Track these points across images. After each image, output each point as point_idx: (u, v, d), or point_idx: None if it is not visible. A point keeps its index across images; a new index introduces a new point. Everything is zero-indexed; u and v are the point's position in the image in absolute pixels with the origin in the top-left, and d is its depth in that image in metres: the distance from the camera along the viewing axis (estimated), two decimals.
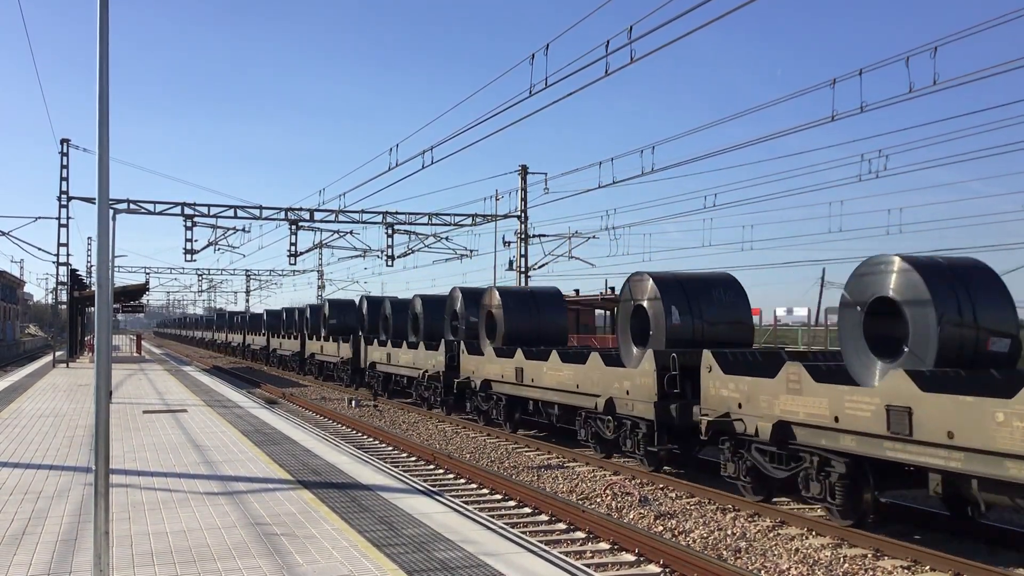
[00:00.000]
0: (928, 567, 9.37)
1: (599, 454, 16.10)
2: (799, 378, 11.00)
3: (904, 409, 9.36)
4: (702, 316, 15.44)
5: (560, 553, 8.31)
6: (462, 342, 23.16)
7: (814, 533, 10.82)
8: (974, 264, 11.16)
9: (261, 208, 36.54)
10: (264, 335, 54.16)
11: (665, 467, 14.79)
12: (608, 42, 14.46)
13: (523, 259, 38.42)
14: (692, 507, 12.42)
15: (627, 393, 14.93)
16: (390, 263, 39.87)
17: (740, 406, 12.15)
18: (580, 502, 12.70)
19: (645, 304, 15.64)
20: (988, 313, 10.44)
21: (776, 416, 11.37)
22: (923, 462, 9.30)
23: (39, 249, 78.95)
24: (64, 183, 35.69)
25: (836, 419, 10.38)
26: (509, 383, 19.95)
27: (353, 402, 27.82)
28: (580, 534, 10.82)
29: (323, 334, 38.80)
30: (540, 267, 39.20)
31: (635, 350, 15.79)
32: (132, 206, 34.22)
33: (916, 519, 11.40)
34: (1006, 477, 8.31)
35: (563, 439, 18.71)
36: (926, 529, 11.02)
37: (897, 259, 10.85)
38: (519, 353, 19.26)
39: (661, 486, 13.84)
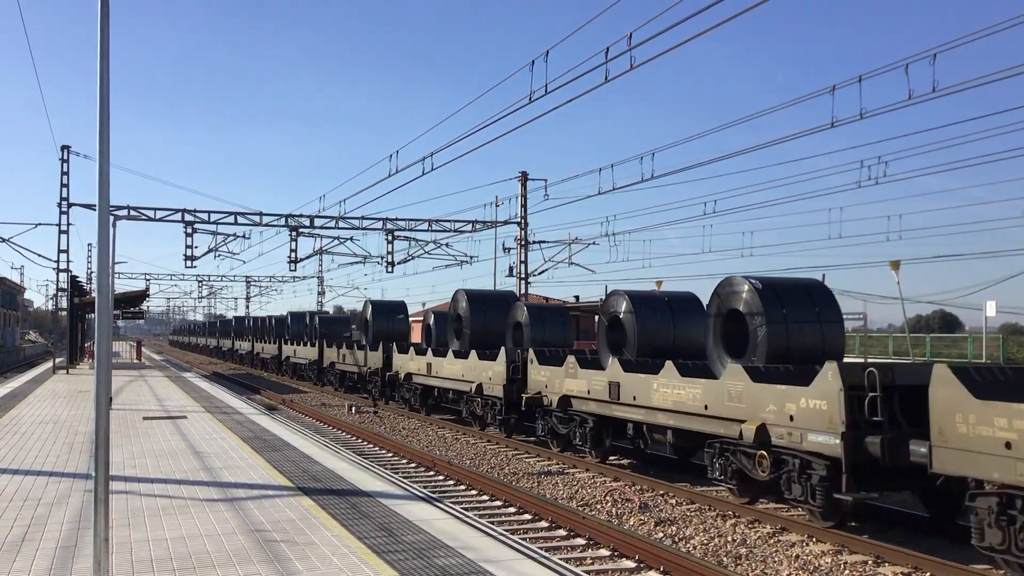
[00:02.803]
0: (928, 574, 9.36)
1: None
2: (574, 366, 17.45)
3: (616, 383, 15.72)
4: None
5: (560, 560, 8.30)
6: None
7: (814, 540, 10.81)
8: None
9: (261, 214, 36.59)
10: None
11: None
12: (608, 49, 14.50)
13: (523, 265, 38.43)
14: (692, 513, 12.41)
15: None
16: (390, 269, 39.93)
17: (546, 386, 18.78)
18: (580, 508, 12.68)
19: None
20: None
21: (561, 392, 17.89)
22: (624, 415, 15.53)
23: (39, 255, 78.99)
24: (64, 189, 35.77)
25: (588, 392, 16.73)
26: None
27: (353, 408, 27.80)
28: (580, 540, 10.81)
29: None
30: (540, 273, 39.22)
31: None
32: (132, 212, 34.26)
33: (917, 525, 11.39)
34: (656, 422, 14.54)
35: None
36: (927, 536, 11.01)
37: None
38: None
39: (661, 493, 13.82)
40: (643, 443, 15.93)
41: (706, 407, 13.13)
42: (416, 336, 38.81)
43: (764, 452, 11.81)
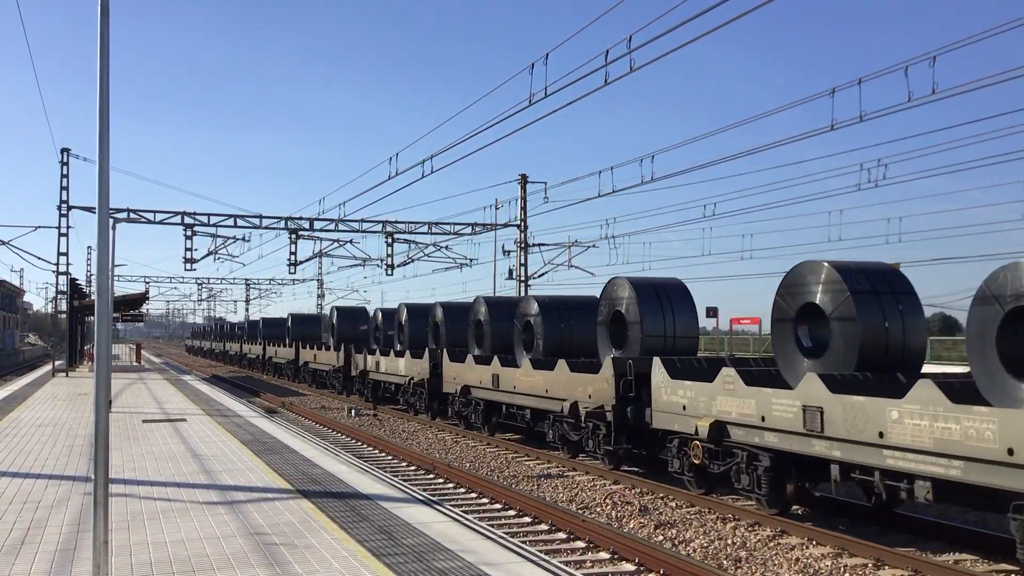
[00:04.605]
0: None
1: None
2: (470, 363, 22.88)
3: (496, 375, 20.76)
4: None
5: (560, 563, 8.29)
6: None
7: (815, 543, 10.80)
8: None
9: (261, 217, 36.58)
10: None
11: None
12: (608, 52, 14.51)
13: (523, 268, 38.43)
14: (692, 516, 12.39)
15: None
16: (390, 272, 39.88)
17: (455, 378, 23.90)
18: (580, 511, 12.67)
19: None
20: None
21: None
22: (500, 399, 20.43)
23: (39, 258, 79.16)
24: (64, 192, 35.73)
25: (479, 382, 21.98)
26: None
27: (352, 411, 27.78)
28: (580, 543, 10.80)
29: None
30: (540, 276, 39.21)
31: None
32: (132, 215, 34.24)
33: (919, 528, 11.38)
34: (515, 403, 19.81)
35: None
36: (929, 539, 10.99)
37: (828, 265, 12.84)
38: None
39: (661, 495, 13.81)
40: (515, 418, 20.60)
41: (546, 390, 18.21)
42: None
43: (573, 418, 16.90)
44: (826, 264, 12.60)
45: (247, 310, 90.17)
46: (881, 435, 10.03)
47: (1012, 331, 9.61)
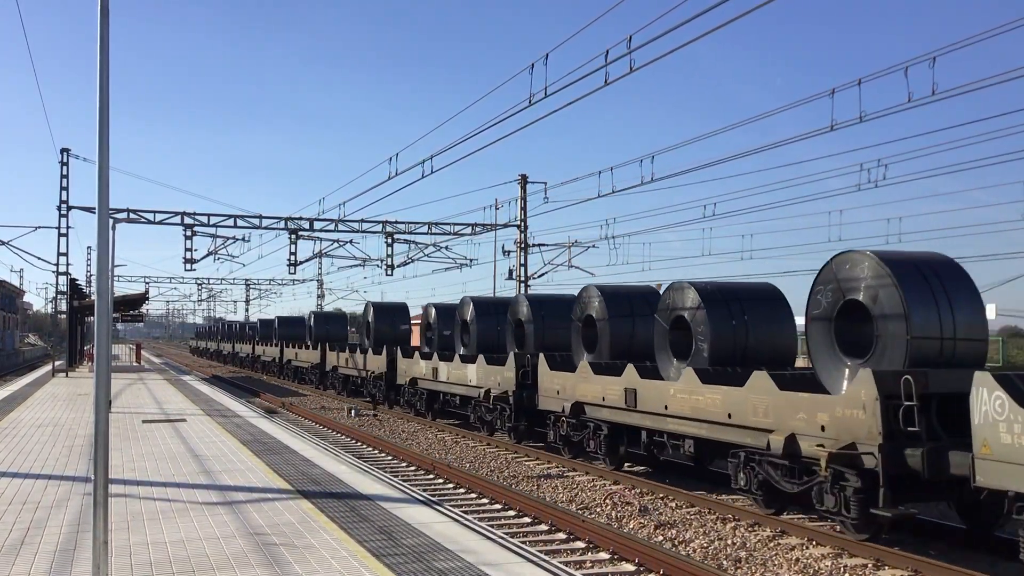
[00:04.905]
0: None
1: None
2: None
3: (435, 368, 23.21)
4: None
5: (560, 563, 8.29)
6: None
7: (814, 543, 10.80)
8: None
9: (261, 217, 36.55)
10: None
11: None
12: (608, 52, 14.49)
13: (523, 268, 38.43)
14: (692, 517, 12.39)
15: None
16: (390, 272, 39.84)
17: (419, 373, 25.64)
18: (580, 512, 12.67)
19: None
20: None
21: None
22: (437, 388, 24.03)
23: (39, 259, 79.14)
24: (64, 192, 35.71)
25: (424, 373, 25.67)
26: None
27: (352, 411, 27.78)
28: (580, 544, 10.80)
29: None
30: (540, 276, 39.20)
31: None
32: (132, 215, 34.23)
33: (918, 530, 11.37)
34: (450, 391, 24.06)
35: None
36: (929, 540, 10.99)
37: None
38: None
39: (661, 496, 13.81)
40: (449, 404, 23.98)
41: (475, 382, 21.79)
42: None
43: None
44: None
45: (247, 310, 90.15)
46: (448, 378, 17.79)
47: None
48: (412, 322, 36.59)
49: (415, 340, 36.25)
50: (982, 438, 8.98)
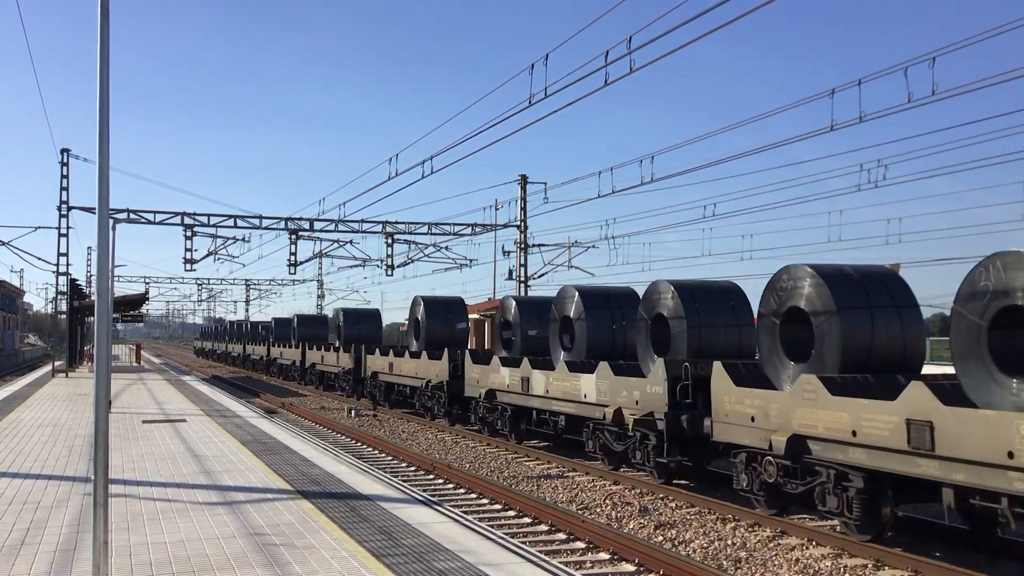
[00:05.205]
0: None
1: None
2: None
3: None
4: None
5: (560, 563, 8.29)
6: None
7: (814, 543, 10.80)
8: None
9: (261, 217, 36.60)
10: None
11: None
12: (607, 52, 14.52)
13: (522, 268, 38.43)
14: (692, 517, 12.39)
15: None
16: (390, 272, 39.90)
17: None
18: (580, 512, 12.67)
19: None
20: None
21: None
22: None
23: (39, 259, 79.10)
24: (64, 193, 35.75)
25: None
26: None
27: (352, 412, 27.78)
28: (580, 544, 10.80)
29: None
30: (540, 277, 39.23)
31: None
32: (132, 216, 34.26)
33: (919, 530, 11.37)
34: (401, 382, 28.52)
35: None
36: (930, 540, 10.99)
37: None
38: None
39: (661, 496, 13.81)
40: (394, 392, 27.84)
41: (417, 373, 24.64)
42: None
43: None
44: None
45: (247, 310, 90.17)
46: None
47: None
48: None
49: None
50: (715, 407, 12.94)
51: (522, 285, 38.46)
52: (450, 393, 23.11)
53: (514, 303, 22.75)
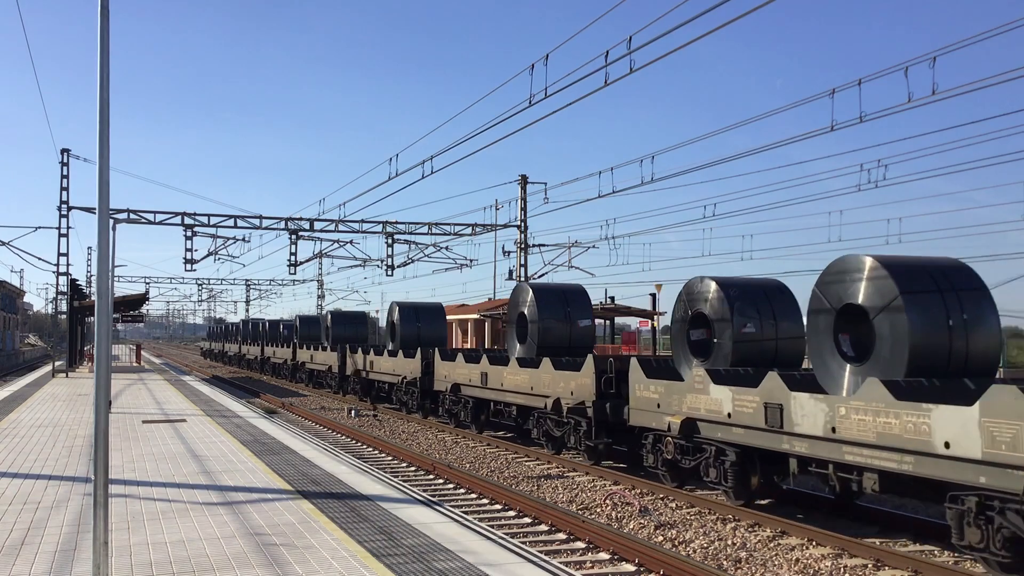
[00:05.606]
0: None
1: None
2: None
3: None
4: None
5: (560, 563, 8.28)
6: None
7: (814, 543, 10.80)
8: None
9: (261, 218, 36.58)
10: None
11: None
12: (608, 52, 14.50)
13: (523, 269, 38.43)
14: (692, 517, 12.39)
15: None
16: (390, 273, 39.89)
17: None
18: (580, 512, 12.67)
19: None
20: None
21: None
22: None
23: (39, 259, 78.96)
24: (64, 193, 35.73)
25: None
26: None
27: (352, 412, 27.78)
28: (580, 544, 10.80)
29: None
30: (540, 277, 39.21)
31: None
32: (132, 216, 34.25)
33: (919, 529, 11.38)
34: (381, 380, 30.35)
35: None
36: (929, 540, 10.99)
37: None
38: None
39: (661, 496, 13.81)
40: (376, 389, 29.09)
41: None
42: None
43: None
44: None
45: (247, 311, 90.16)
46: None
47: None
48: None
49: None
50: (631, 396, 15.08)
51: None
52: (422, 388, 25.55)
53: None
